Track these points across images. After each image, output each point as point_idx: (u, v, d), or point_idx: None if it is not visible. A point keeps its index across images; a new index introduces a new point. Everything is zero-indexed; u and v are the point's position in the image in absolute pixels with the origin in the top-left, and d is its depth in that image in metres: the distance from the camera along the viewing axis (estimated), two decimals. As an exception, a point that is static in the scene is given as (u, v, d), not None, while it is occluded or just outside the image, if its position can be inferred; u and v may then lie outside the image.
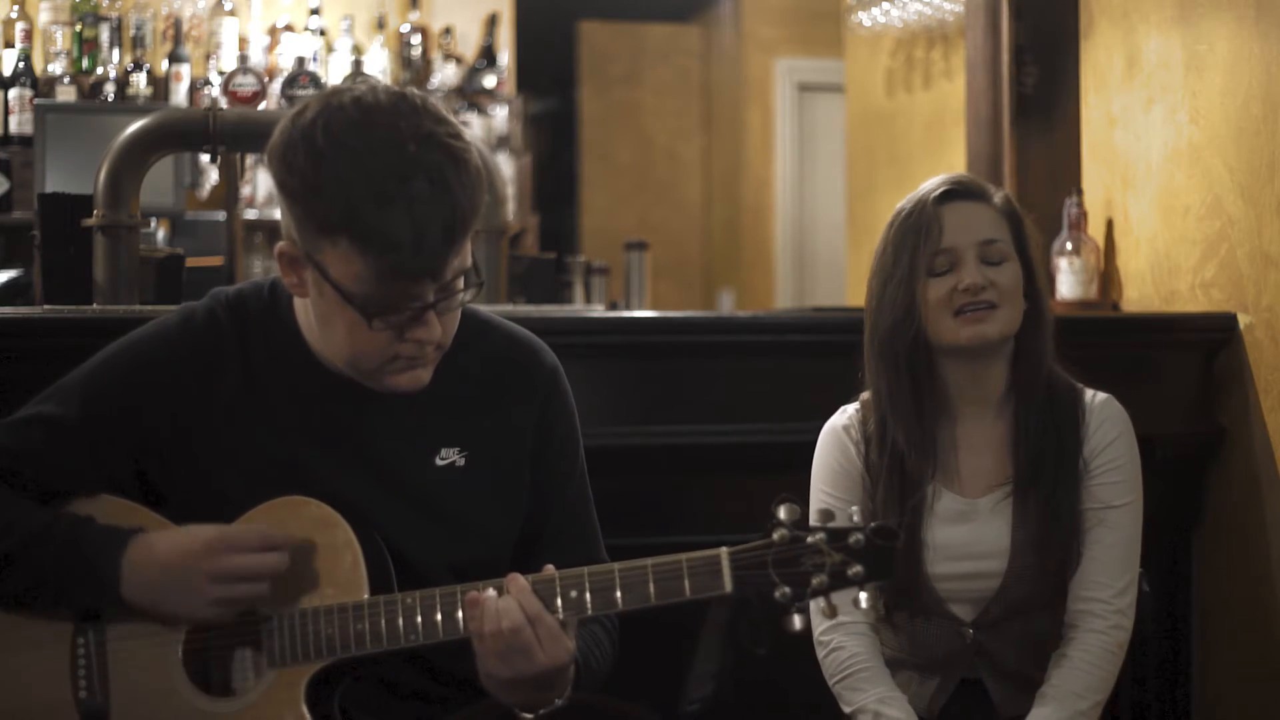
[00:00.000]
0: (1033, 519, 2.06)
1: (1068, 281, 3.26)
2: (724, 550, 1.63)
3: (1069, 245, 3.26)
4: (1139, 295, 3.19)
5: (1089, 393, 2.13)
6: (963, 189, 2.09)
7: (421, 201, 1.59)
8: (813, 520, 1.65)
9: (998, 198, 2.12)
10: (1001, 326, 2.05)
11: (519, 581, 1.65)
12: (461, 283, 1.68)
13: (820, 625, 2.07)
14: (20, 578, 1.72)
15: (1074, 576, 2.07)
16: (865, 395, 2.15)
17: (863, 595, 1.62)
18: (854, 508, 1.67)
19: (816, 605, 1.62)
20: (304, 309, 1.78)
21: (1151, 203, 3.15)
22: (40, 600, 1.73)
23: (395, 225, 1.59)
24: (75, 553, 1.71)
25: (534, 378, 1.87)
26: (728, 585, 1.62)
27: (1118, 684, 2.08)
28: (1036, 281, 2.11)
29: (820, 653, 2.09)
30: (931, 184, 2.11)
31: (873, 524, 1.63)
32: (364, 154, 1.61)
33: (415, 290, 1.64)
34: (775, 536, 1.62)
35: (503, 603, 1.63)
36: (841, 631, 2.07)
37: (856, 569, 1.61)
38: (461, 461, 1.81)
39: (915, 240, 2.05)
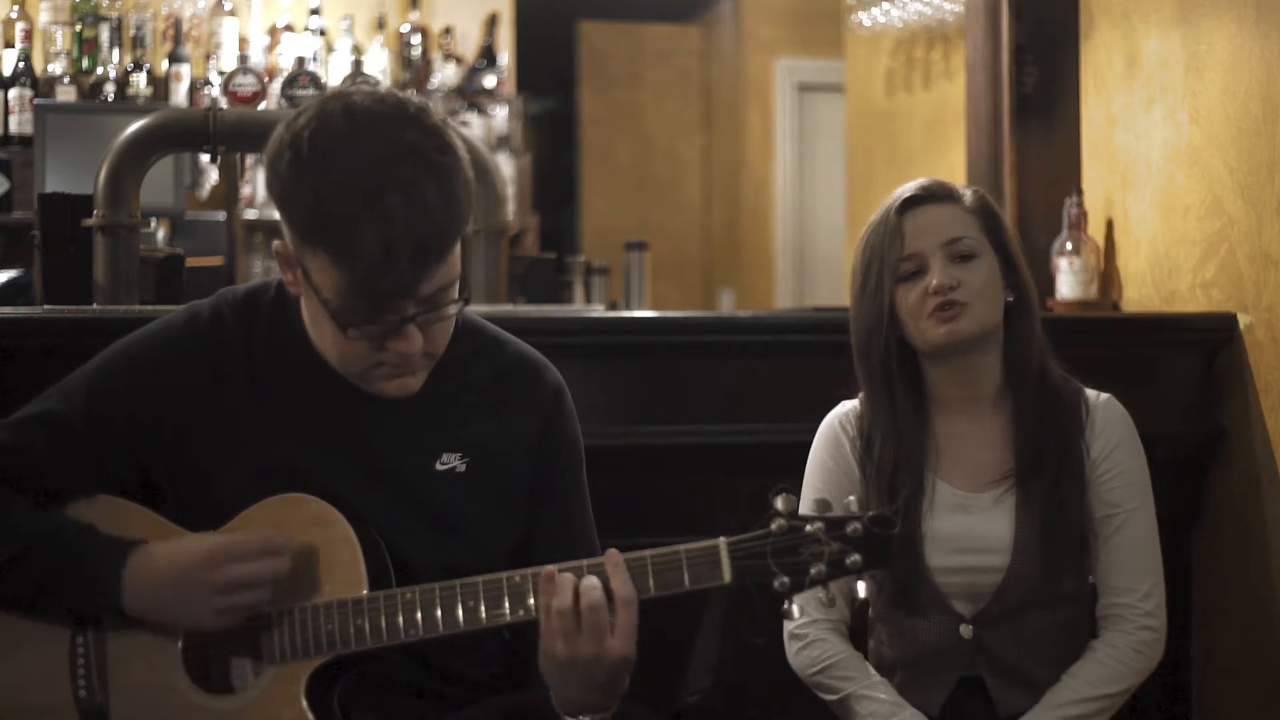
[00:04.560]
0: (1036, 513, 2.07)
1: (1068, 281, 3.26)
2: (722, 541, 1.64)
3: (1069, 245, 3.26)
4: (1139, 295, 3.19)
5: (1090, 393, 2.14)
6: (924, 194, 2.12)
7: (394, 218, 1.57)
8: (809, 507, 1.66)
9: (968, 197, 2.14)
10: (977, 322, 2.07)
11: (616, 559, 1.63)
12: (449, 294, 1.67)
13: (791, 623, 2.08)
14: (21, 585, 1.72)
15: (1098, 581, 2.10)
16: None
17: (860, 584, 1.62)
18: (851, 497, 1.68)
19: (811, 595, 1.63)
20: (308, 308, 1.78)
21: (1151, 203, 3.15)
22: (40, 608, 1.73)
23: (366, 241, 1.57)
24: (76, 565, 1.71)
25: (539, 394, 1.87)
26: (727, 575, 1.63)
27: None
28: (1020, 273, 2.13)
29: (794, 646, 2.12)
30: (895, 194, 2.14)
31: (870, 513, 1.64)
32: (342, 166, 1.59)
33: (389, 305, 1.63)
34: (773, 526, 1.62)
35: (586, 581, 1.62)
36: (815, 627, 2.10)
37: (855, 558, 1.62)
38: (462, 468, 1.81)
39: (881, 251, 2.10)
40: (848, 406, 2.18)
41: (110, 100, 5.33)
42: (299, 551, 1.71)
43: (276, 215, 1.68)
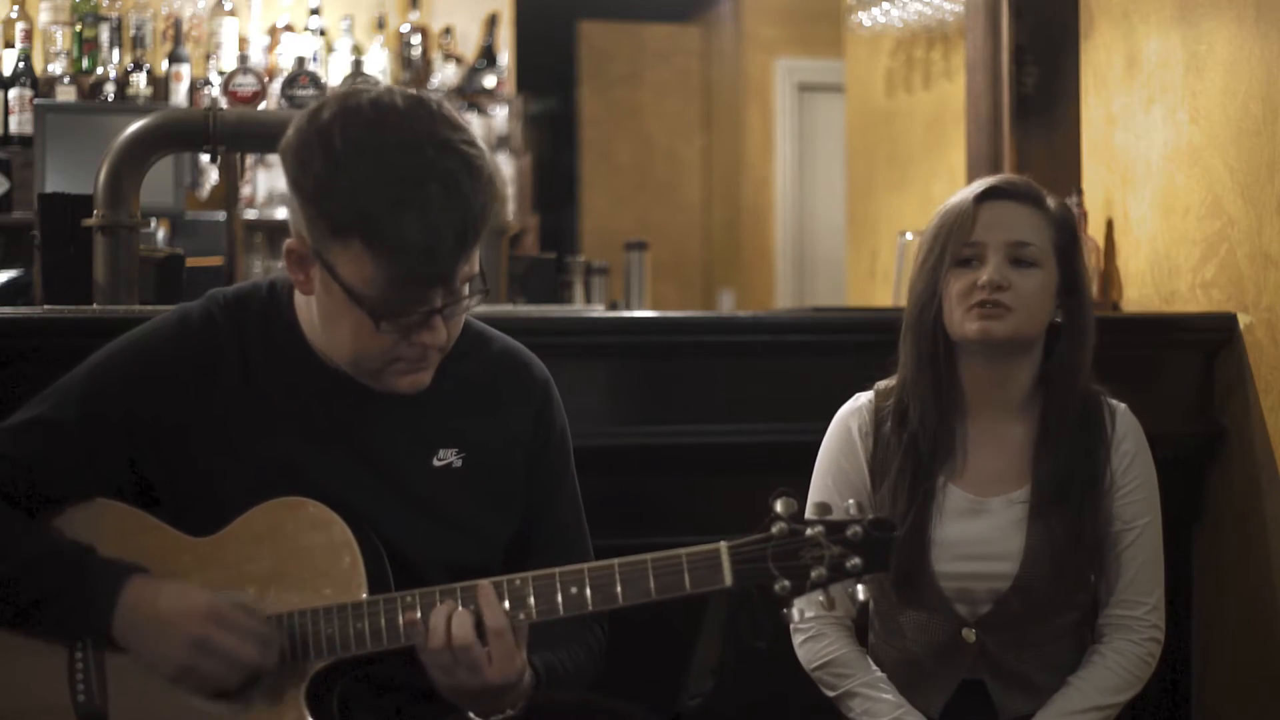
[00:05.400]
0: (1055, 533, 2.06)
1: (1068, 281, 3.26)
2: (723, 544, 1.64)
3: (1069, 245, 3.26)
4: (1139, 295, 3.19)
5: (1110, 401, 2.14)
6: (1008, 189, 2.10)
7: (435, 207, 1.60)
8: (809, 510, 1.66)
9: (1051, 204, 2.11)
10: (1013, 328, 2.05)
11: (487, 594, 1.66)
12: (469, 288, 1.69)
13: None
14: (12, 604, 1.71)
15: (1105, 590, 2.11)
16: (881, 384, 2.16)
17: (860, 587, 1.63)
18: (851, 500, 1.68)
19: (814, 598, 1.63)
20: (305, 307, 1.78)
21: (1151, 203, 3.14)
22: (29, 627, 1.72)
23: (409, 230, 1.59)
24: (71, 589, 1.70)
25: (528, 387, 1.88)
26: (728, 579, 1.64)
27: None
28: (1079, 298, 2.11)
29: (798, 639, 2.13)
30: (979, 181, 2.13)
31: (870, 516, 1.64)
32: (380, 157, 1.61)
33: (425, 295, 1.65)
34: (774, 530, 1.63)
35: (457, 618, 1.64)
36: (820, 621, 2.11)
37: (855, 561, 1.63)
38: (459, 463, 1.82)
39: (949, 230, 2.08)
40: (864, 399, 2.17)
41: (110, 100, 5.33)
42: (298, 554, 1.71)
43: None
